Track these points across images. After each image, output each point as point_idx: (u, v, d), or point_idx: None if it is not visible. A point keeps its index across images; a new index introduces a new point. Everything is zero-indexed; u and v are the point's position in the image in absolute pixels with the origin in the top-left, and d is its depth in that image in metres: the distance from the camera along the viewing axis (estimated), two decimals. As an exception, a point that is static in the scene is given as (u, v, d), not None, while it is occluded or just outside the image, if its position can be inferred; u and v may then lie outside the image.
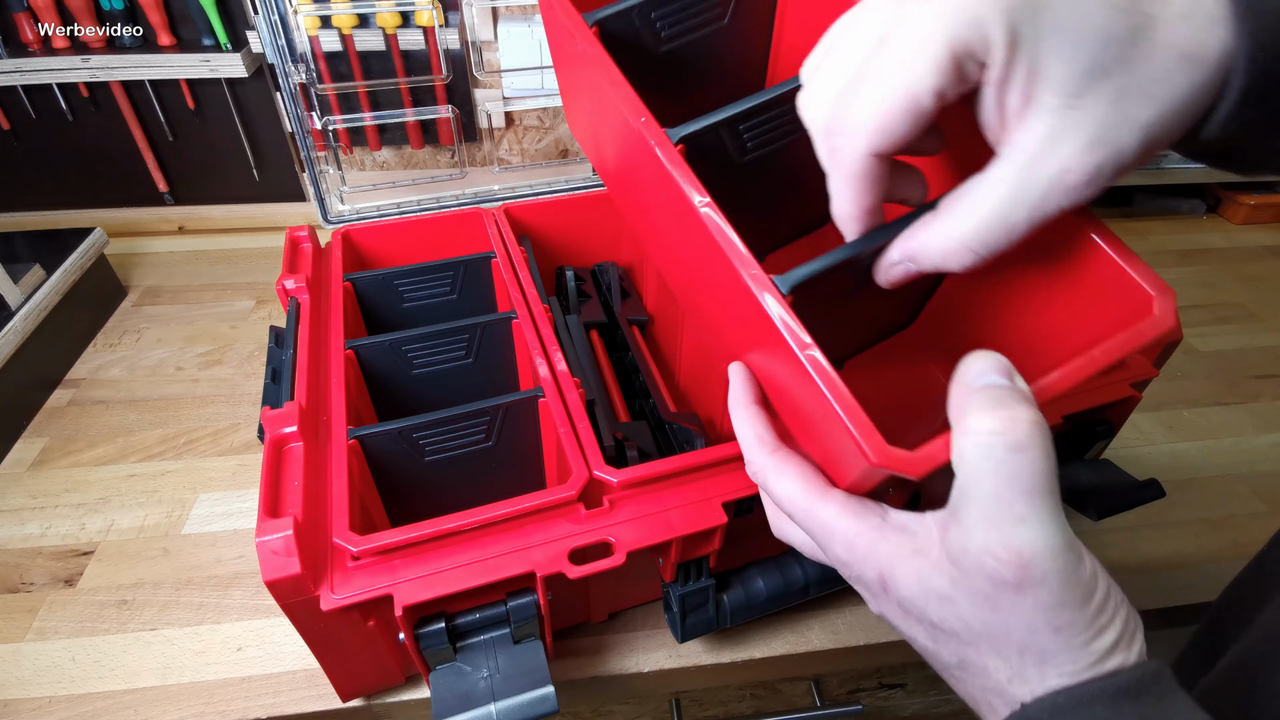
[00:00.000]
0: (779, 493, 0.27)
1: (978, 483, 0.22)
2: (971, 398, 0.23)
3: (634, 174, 0.35)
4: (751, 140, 0.35)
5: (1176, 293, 0.27)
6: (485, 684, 0.36)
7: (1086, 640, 0.22)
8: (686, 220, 0.29)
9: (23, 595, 0.49)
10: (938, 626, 0.25)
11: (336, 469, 0.38)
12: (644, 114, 0.31)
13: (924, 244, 0.26)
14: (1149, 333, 0.26)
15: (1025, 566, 0.21)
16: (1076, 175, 0.22)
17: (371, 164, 0.85)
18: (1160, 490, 0.44)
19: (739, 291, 0.27)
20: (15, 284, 0.61)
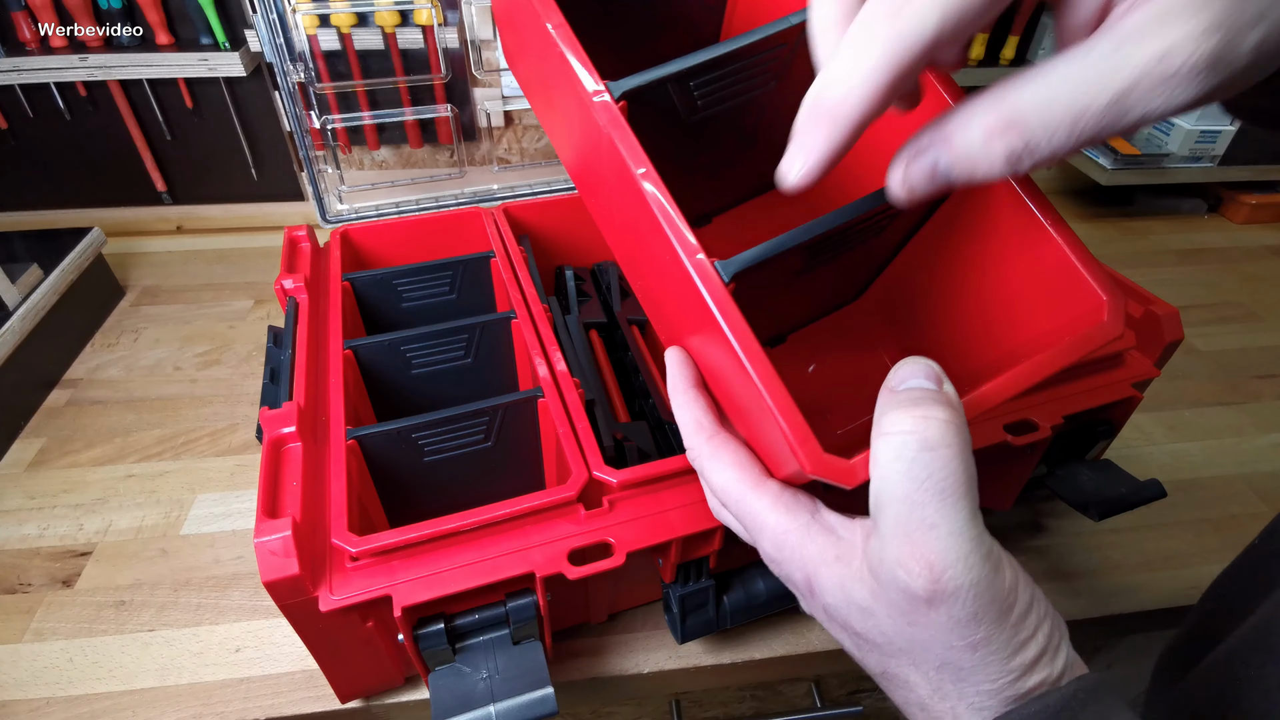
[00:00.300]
0: (714, 480, 0.27)
1: (890, 484, 0.21)
2: (891, 400, 0.22)
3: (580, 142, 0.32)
4: (703, 97, 0.32)
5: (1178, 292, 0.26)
6: (484, 685, 0.36)
7: (1006, 656, 0.21)
8: (627, 191, 0.27)
9: (20, 596, 0.49)
10: (861, 636, 0.24)
11: (335, 469, 0.38)
12: (583, 60, 0.28)
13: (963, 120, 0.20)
14: (1096, 339, 0.25)
15: (937, 579, 0.20)
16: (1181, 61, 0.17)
17: (370, 163, 0.84)
18: (1161, 490, 0.44)
19: (679, 276, 0.26)
20: (13, 284, 0.61)
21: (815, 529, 0.25)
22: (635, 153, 0.26)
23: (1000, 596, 0.21)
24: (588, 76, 0.28)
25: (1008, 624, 0.21)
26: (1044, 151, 0.19)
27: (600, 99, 0.27)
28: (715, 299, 0.24)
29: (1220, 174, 0.91)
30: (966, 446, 0.21)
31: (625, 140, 0.27)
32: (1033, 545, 0.53)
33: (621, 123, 0.27)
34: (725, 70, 0.31)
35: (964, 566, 0.21)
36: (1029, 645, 0.22)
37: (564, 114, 0.32)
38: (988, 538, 0.22)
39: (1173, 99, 0.18)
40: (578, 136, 0.31)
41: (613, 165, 0.28)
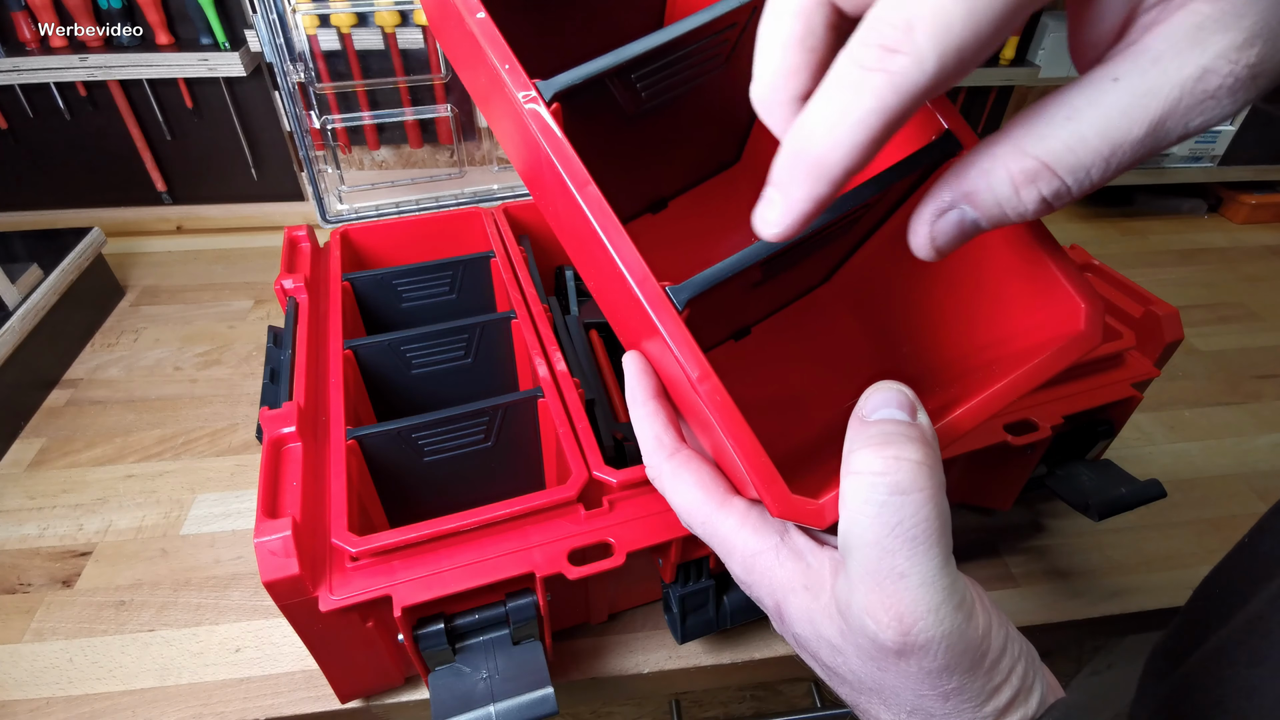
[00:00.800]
0: (677, 501, 0.26)
1: (859, 527, 0.20)
2: (862, 433, 0.21)
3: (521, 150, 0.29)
4: (647, 89, 0.30)
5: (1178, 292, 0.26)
6: (484, 685, 0.36)
7: (978, 703, 0.21)
8: (571, 206, 0.25)
9: (20, 596, 0.49)
10: (831, 670, 0.24)
11: (335, 469, 0.38)
12: (509, 60, 0.25)
13: (986, 171, 0.18)
14: (1074, 352, 0.24)
15: (906, 632, 0.20)
16: (1223, 77, 0.16)
17: (370, 163, 0.84)
18: (1161, 490, 0.44)
19: (632, 298, 0.24)
20: (13, 284, 0.61)
21: (785, 552, 0.24)
22: (571, 165, 0.24)
23: (973, 646, 0.21)
24: (517, 76, 0.25)
25: (980, 672, 0.21)
26: (1080, 191, 0.18)
27: (530, 104, 0.25)
28: (669, 329, 0.23)
29: (1220, 174, 0.91)
30: (940, 489, 0.20)
31: (560, 151, 0.24)
32: (1033, 545, 0.53)
33: (553, 132, 0.24)
34: (669, 59, 0.28)
35: (935, 619, 0.20)
36: (1003, 690, 0.21)
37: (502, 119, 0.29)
38: (960, 583, 0.21)
39: (1213, 116, 0.17)
40: (517, 143, 0.29)
41: (552, 176, 0.26)
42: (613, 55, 0.26)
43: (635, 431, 0.27)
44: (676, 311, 0.23)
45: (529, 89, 0.25)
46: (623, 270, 0.23)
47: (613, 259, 0.24)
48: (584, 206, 0.24)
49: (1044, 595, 0.50)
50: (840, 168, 0.18)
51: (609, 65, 0.26)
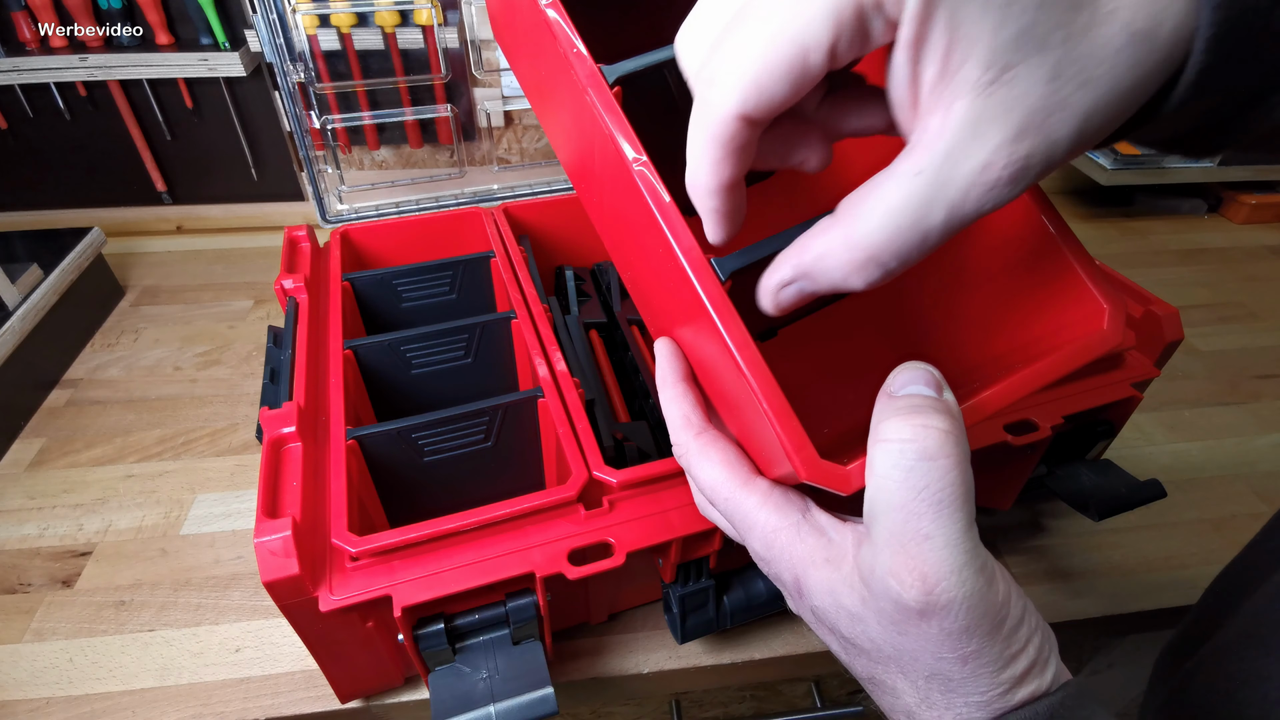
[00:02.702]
0: (702, 478, 0.26)
1: (886, 493, 0.21)
2: (890, 406, 0.22)
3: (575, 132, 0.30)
4: None
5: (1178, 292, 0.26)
6: (484, 685, 0.36)
7: (996, 669, 0.21)
8: (621, 181, 0.26)
9: (20, 596, 0.49)
10: (849, 641, 0.24)
11: (335, 469, 0.38)
12: (575, 46, 0.27)
13: (820, 257, 0.21)
14: (1097, 348, 0.25)
15: (930, 591, 0.20)
16: (1001, 170, 0.18)
17: (370, 163, 0.84)
18: (1161, 490, 0.44)
19: (673, 270, 0.25)
20: (13, 284, 0.61)
21: (806, 529, 0.24)
22: (630, 140, 0.25)
23: (993, 610, 0.21)
24: (583, 60, 0.27)
25: (999, 637, 0.21)
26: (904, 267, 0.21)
27: (595, 84, 0.27)
28: (711, 297, 0.24)
29: (1220, 174, 0.91)
30: (965, 457, 0.21)
31: (621, 127, 0.26)
32: (1033, 545, 0.53)
33: (617, 109, 0.26)
34: None
35: (958, 579, 0.20)
36: (1019, 658, 0.22)
37: (559, 104, 0.31)
38: (982, 550, 0.21)
39: (1001, 199, 0.19)
40: (573, 126, 0.30)
41: (607, 155, 0.27)
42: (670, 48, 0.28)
43: (664, 411, 0.28)
44: (720, 281, 0.24)
45: (594, 72, 0.27)
46: (670, 241, 0.24)
47: (661, 234, 0.25)
48: (635, 179, 0.25)
49: (1044, 595, 0.50)
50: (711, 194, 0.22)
51: (668, 56, 0.28)
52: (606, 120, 0.26)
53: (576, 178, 0.33)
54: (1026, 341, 0.29)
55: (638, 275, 0.31)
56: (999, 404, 0.25)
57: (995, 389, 0.25)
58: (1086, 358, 0.25)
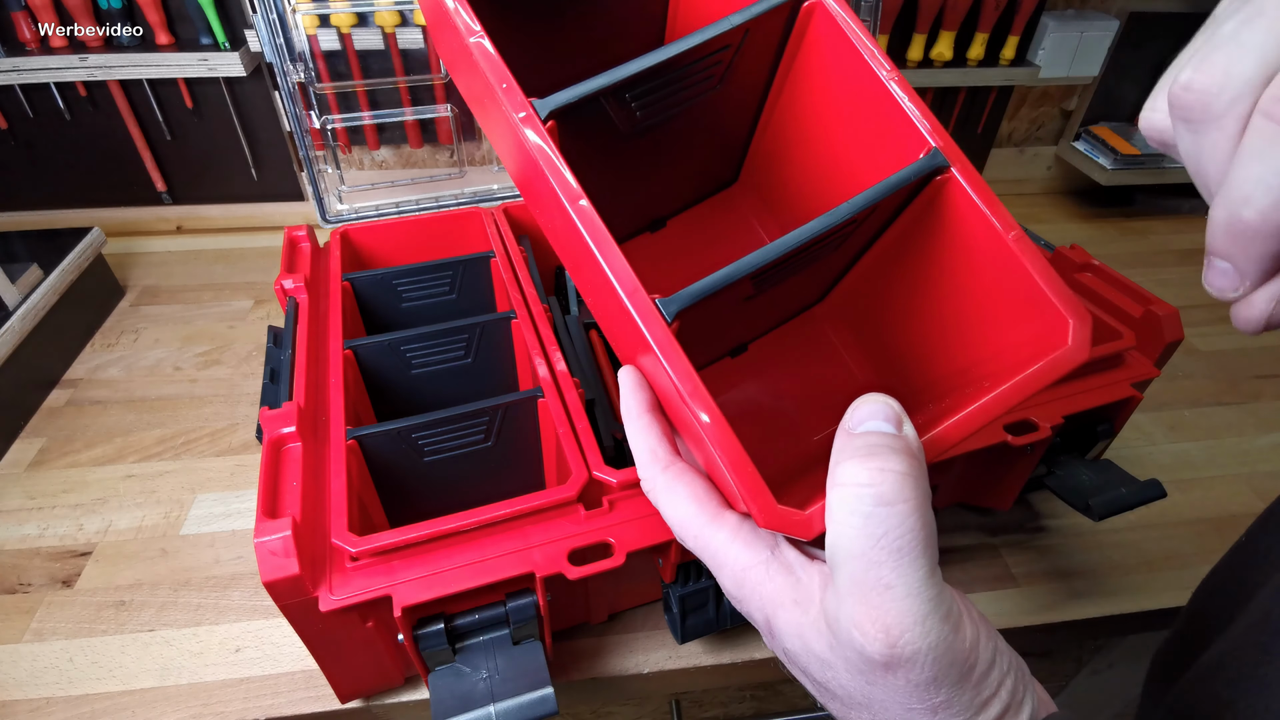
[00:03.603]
0: (670, 514, 0.26)
1: (846, 540, 0.20)
2: (848, 446, 0.21)
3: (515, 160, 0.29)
4: (642, 108, 0.30)
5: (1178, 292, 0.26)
6: (484, 685, 0.36)
7: (968, 717, 0.21)
8: (565, 218, 0.25)
9: (20, 596, 0.49)
10: (821, 685, 0.24)
11: (335, 469, 0.38)
12: (506, 79, 0.26)
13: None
14: (1063, 366, 0.25)
15: (893, 644, 0.20)
16: None
17: (370, 163, 0.84)
18: (1161, 490, 0.44)
19: (619, 307, 0.24)
20: (13, 284, 0.61)
21: (775, 566, 0.24)
22: (564, 180, 0.24)
23: (960, 658, 0.21)
24: (513, 94, 0.26)
25: (969, 685, 0.21)
26: None
27: (526, 121, 0.25)
28: (658, 341, 0.23)
29: (1220, 174, 0.91)
30: (925, 500, 0.21)
31: (552, 168, 0.25)
32: (1033, 545, 0.53)
33: (549, 147, 0.25)
34: (664, 79, 0.29)
35: (922, 630, 0.20)
36: (991, 704, 0.21)
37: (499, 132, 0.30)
38: (947, 594, 0.21)
39: None
40: (513, 155, 0.29)
41: (545, 190, 0.26)
42: (607, 75, 0.27)
43: (630, 445, 0.27)
44: (666, 324, 0.23)
45: (525, 107, 0.26)
46: (613, 283, 0.23)
47: (604, 273, 0.24)
48: (576, 221, 0.24)
49: (1044, 595, 0.50)
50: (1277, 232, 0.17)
51: (604, 85, 0.27)
52: (538, 161, 0.25)
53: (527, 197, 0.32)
54: (991, 354, 0.29)
55: (594, 304, 0.30)
56: (962, 433, 0.24)
57: (956, 419, 0.24)
58: (1051, 377, 0.25)
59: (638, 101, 0.29)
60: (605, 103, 0.28)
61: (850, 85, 0.30)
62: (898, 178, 0.27)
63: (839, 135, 0.32)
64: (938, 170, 0.28)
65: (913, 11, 0.81)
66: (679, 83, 0.30)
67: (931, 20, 0.81)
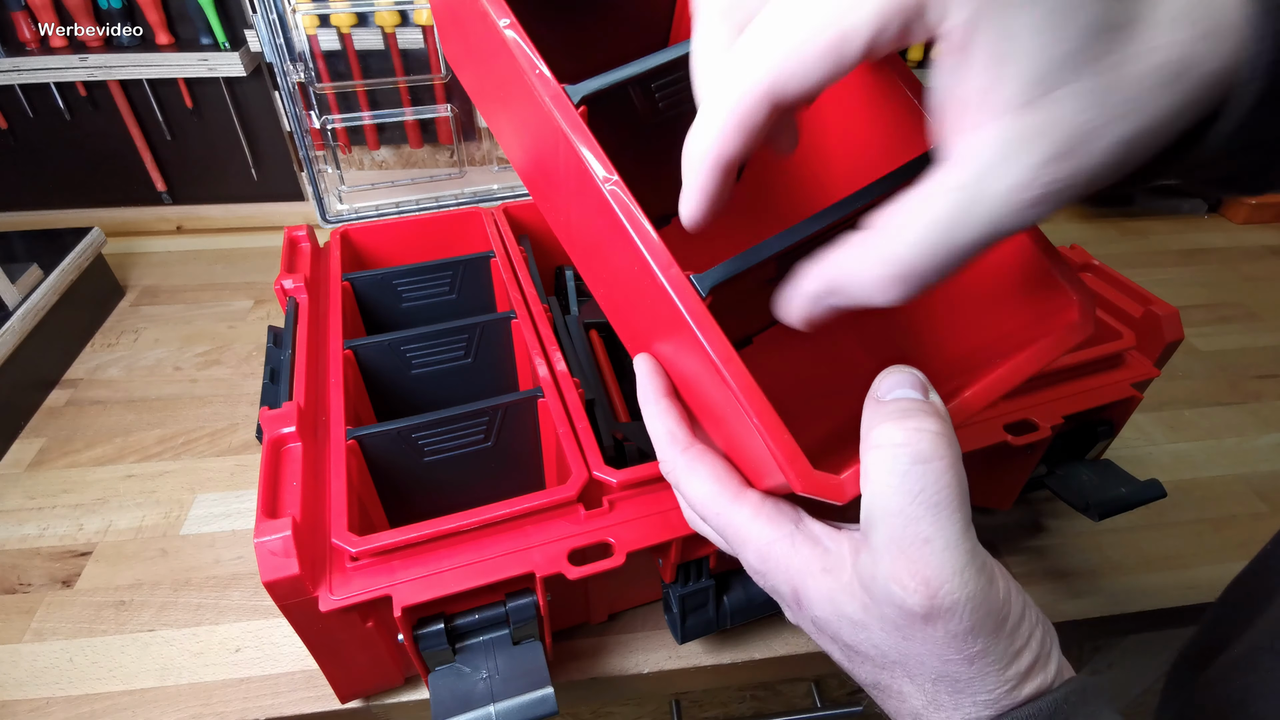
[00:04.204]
0: (691, 494, 0.26)
1: (883, 499, 0.21)
2: (880, 411, 0.22)
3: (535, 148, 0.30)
4: (665, 99, 0.31)
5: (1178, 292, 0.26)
6: (484, 685, 0.36)
7: (1002, 667, 0.22)
8: (590, 200, 0.26)
9: (20, 596, 0.49)
10: (852, 649, 0.24)
11: (335, 469, 0.38)
12: (537, 65, 0.26)
13: (851, 273, 0.21)
14: (1069, 340, 0.26)
15: (933, 595, 0.20)
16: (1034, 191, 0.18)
17: (370, 163, 0.84)
18: (1161, 490, 0.44)
19: (651, 288, 0.25)
20: (13, 284, 0.61)
21: (800, 539, 0.24)
22: (601, 160, 0.25)
23: (995, 608, 0.21)
24: (546, 81, 0.26)
25: (1003, 635, 0.22)
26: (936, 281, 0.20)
27: (560, 105, 0.26)
28: (693, 314, 0.23)
29: (1220, 174, 0.91)
30: (958, 458, 0.21)
31: (590, 148, 0.25)
32: (1033, 545, 0.53)
33: (584, 130, 0.26)
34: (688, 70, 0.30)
35: (960, 581, 0.21)
36: (1023, 654, 0.22)
37: (517, 119, 0.30)
38: (980, 549, 0.22)
39: (1035, 218, 0.19)
40: (532, 142, 0.30)
41: (573, 174, 0.27)
42: (636, 64, 0.28)
43: (648, 429, 0.28)
44: (701, 298, 0.24)
45: (559, 93, 0.26)
46: (648, 259, 0.24)
47: (634, 252, 0.24)
48: (610, 201, 0.25)
49: (1044, 595, 0.50)
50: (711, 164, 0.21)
51: (633, 74, 0.28)
52: (575, 141, 0.25)
53: (536, 190, 0.33)
54: (1000, 336, 0.29)
55: (611, 292, 0.31)
56: (983, 401, 0.25)
57: (978, 387, 0.25)
58: (1061, 349, 0.26)
59: (662, 92, 0.30)
60: (632, 91, 0.29)
61: (862, 81, 0.31)
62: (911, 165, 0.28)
63: (848, 127, 0.33)
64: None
65: (913, 11, 0.81)
66: None
67: (931, 20, 0.81)
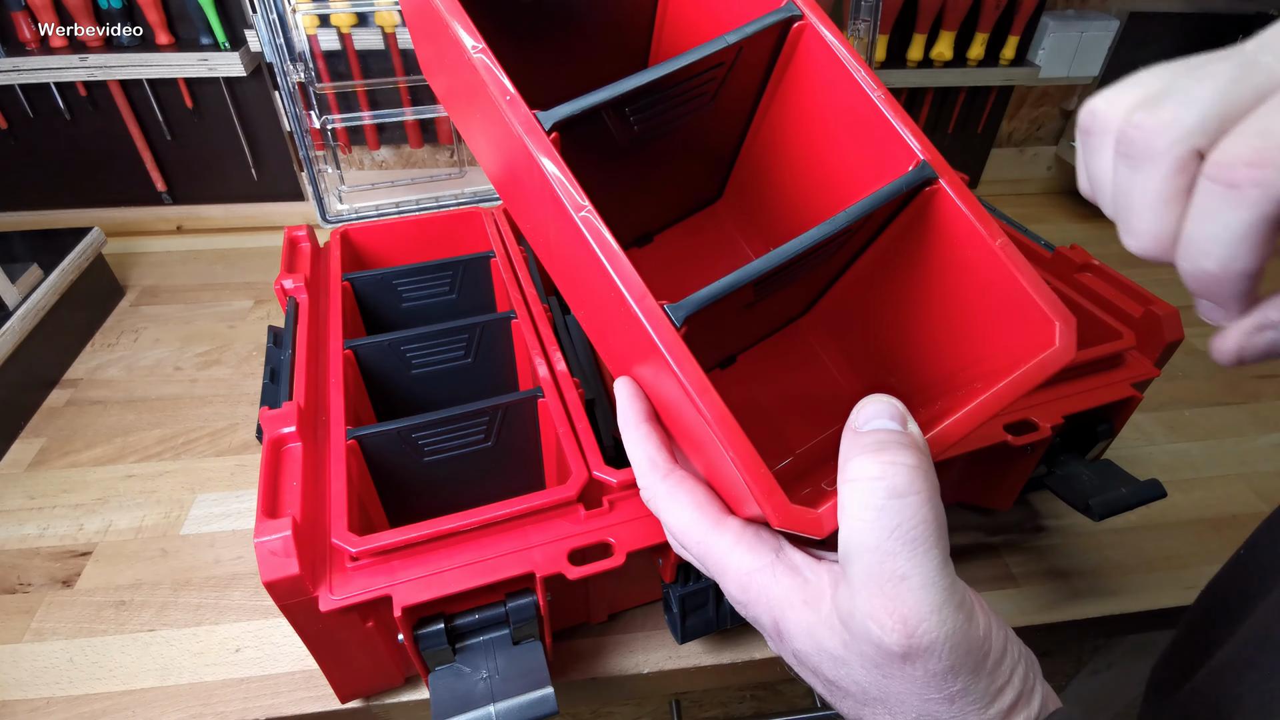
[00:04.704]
0: (672, 521, 0.26)
1: (859, 534, 0.21)
2: (857, 443, 0.22)
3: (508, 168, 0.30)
4: (640, 122, 0.31)
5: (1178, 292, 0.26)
6: (484, 685, 0.36)
7: (983, 705, 0.21)
8: (565, 227, 0.26)
9: (20, 596, 0.49)
10: (833, 684, 0.24)
11: (335, 469, 0.38)
12: (508, 91, 0.26)
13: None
14: (1052, 365, 0.25)
15: (910, 634, 0.20)
16: None
17: (370, 163, 0.84)
18: (1161, 490, 0.44)
19: (627, 317, 0.24)
20: (13, 284, 0.61)
21: (780, 569, 0.24)
22: (572, 190, 0.25)
23: (975, 646, 0.21)
24: (517, 106, 0.26)
25: (984, 673, 0.21)
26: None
27: (530, 133, 0.25)
28: (667, 344, 0.23)
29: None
30: (935, 491, 0.21)
31: (562, 175, 0.25)
32: (1033, 545, 0.53)
33: (556, 157, 0.25)
34: (663, 93, 0.30)
35: (938, 619, 0.20)
36: (1005, 691, 0.22)
37: (489, 138, 0.30)
38: (960, 585, 0.21)
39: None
40: (505, 162, 0.29)
41: (547, 199, 0.26)
42: (609, 89, 0.27)
43: (629, 454, 0.28)
44: (675, 328, 0.23)
45: (529, 120, 0.26)
46: (621, 290, 0.24)
47: (610, 281, 0.24)
48: (583, 230, 0.24)
49: (1044, 595, 0.50)
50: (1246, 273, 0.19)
51: (606, 98, 0.27)
52: (546, 169, 0.25)
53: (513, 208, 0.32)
54: (982, 356, 0.29)
55: (590, 315, 0.30)
56: (962, 431, 0.25)
57: (957, 417, 0.25)
58: (1041, 376, 0.25)
59: (636, 115, 0.30)
60: (606, 116, 0.29)
61: (838, 102, 0.31)
62: (890, 189, 0.28)
63: (826, 150, 0.33)
64: (926, 182, 0.28)
65: (913, 11, 0.81)
66: (676, 98, 0.30)
67: (931, 20, 0.81)
